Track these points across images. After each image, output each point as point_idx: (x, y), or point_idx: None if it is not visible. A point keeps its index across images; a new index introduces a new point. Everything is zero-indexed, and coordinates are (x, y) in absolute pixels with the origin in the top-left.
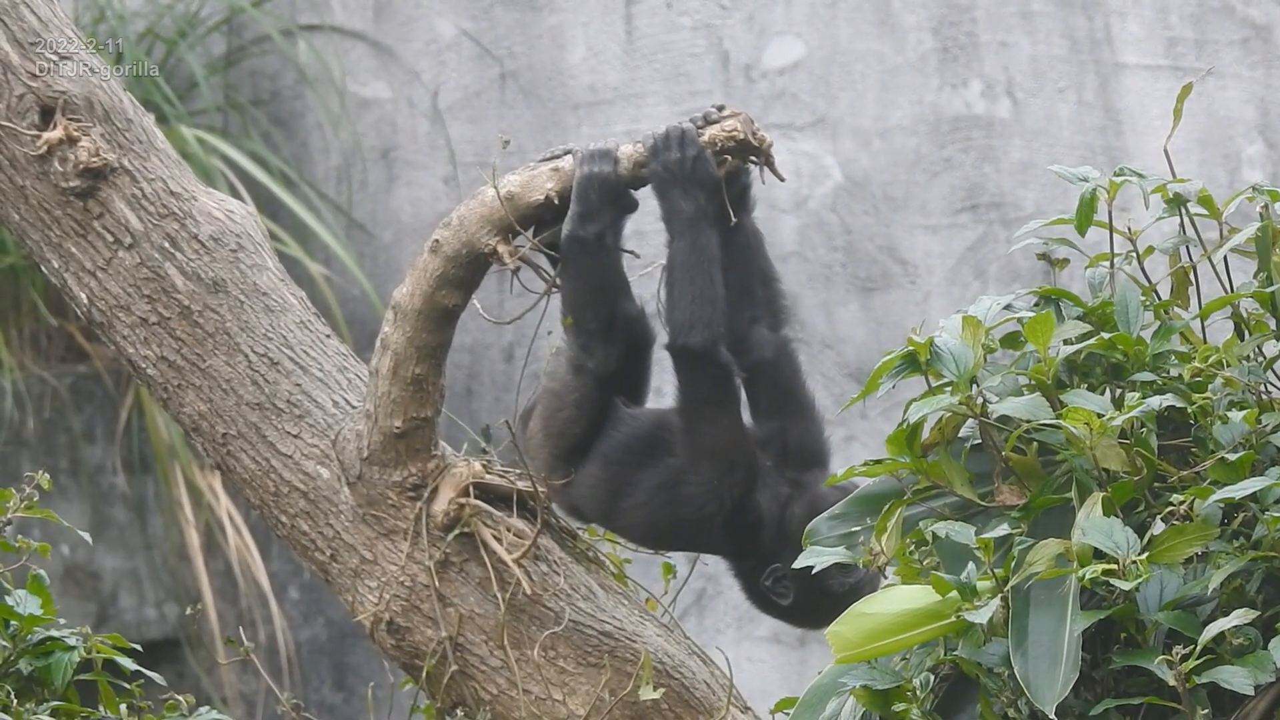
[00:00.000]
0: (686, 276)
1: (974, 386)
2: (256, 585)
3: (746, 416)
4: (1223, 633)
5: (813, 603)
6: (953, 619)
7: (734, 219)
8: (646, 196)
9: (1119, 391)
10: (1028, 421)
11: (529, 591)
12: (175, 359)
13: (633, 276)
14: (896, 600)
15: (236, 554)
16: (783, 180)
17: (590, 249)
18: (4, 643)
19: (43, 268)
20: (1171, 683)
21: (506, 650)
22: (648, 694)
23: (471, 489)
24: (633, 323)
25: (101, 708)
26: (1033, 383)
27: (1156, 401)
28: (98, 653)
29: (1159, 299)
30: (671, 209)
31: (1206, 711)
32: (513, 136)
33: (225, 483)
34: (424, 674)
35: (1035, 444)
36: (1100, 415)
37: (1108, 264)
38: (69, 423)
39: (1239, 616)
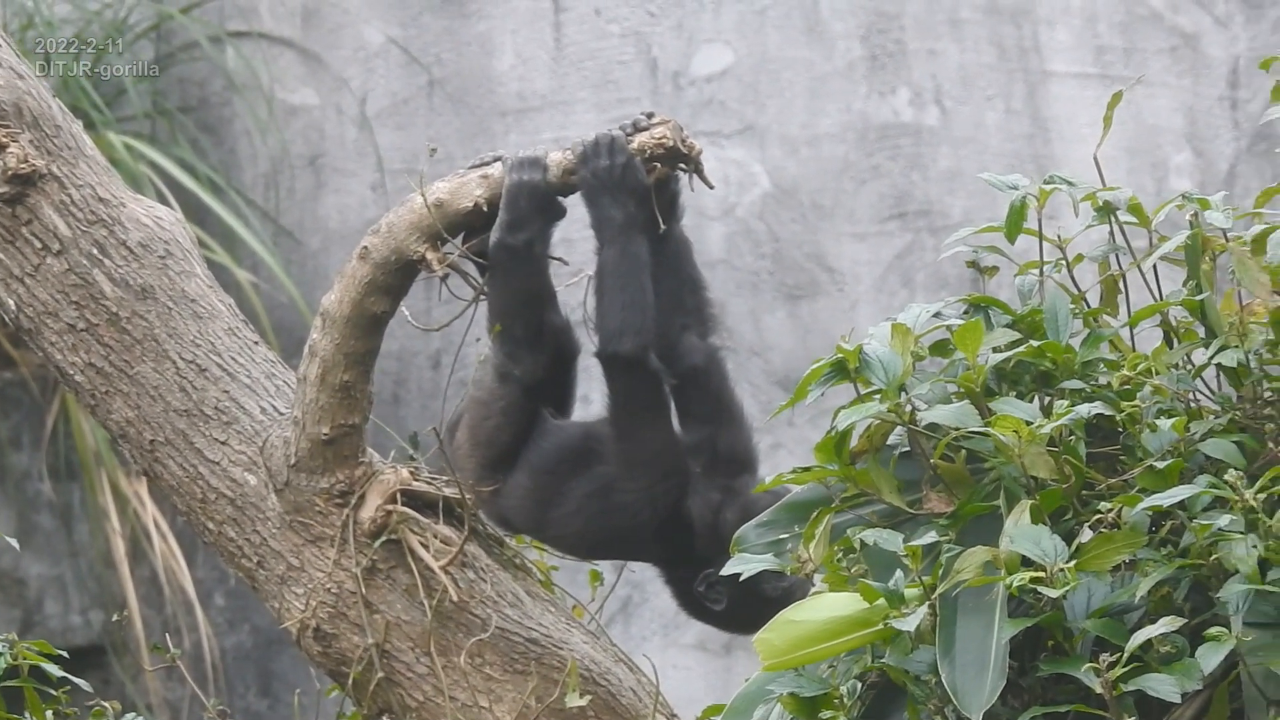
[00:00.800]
0: (616, 284)
1: (903, 394)
2: (182, 592)
3: (676, 424)
4: (1150, 640)
5: (746, 608)
6: (880, 626)
7: (663, 226)
8: (575, 203)
9: (1048, 399)
10: (956, 429)
11: (456, 598)
12: (103, 365)
13: (560, 284)
14: (824, 608)
15: (162, 561)
16: (711, 187)
17: (519, 257)
18: None
19: None
20: (1099, 690)
21: (433, 657)
22: (574, 701)
23: (399, 496)
24: (559, 332)
25: (28, 714)
26: (961, 390)
27: (1085, 409)
28: (24, 659)
29: (1088, 307)
30: (601, 216)
31: (1133, 718)
32: (441, 144)
33: (152, 489)
34: (350, 681)
35: (964, 451)
36: (1029, 423)
37: (1037, 272)
38: None
39: (1166, 624)
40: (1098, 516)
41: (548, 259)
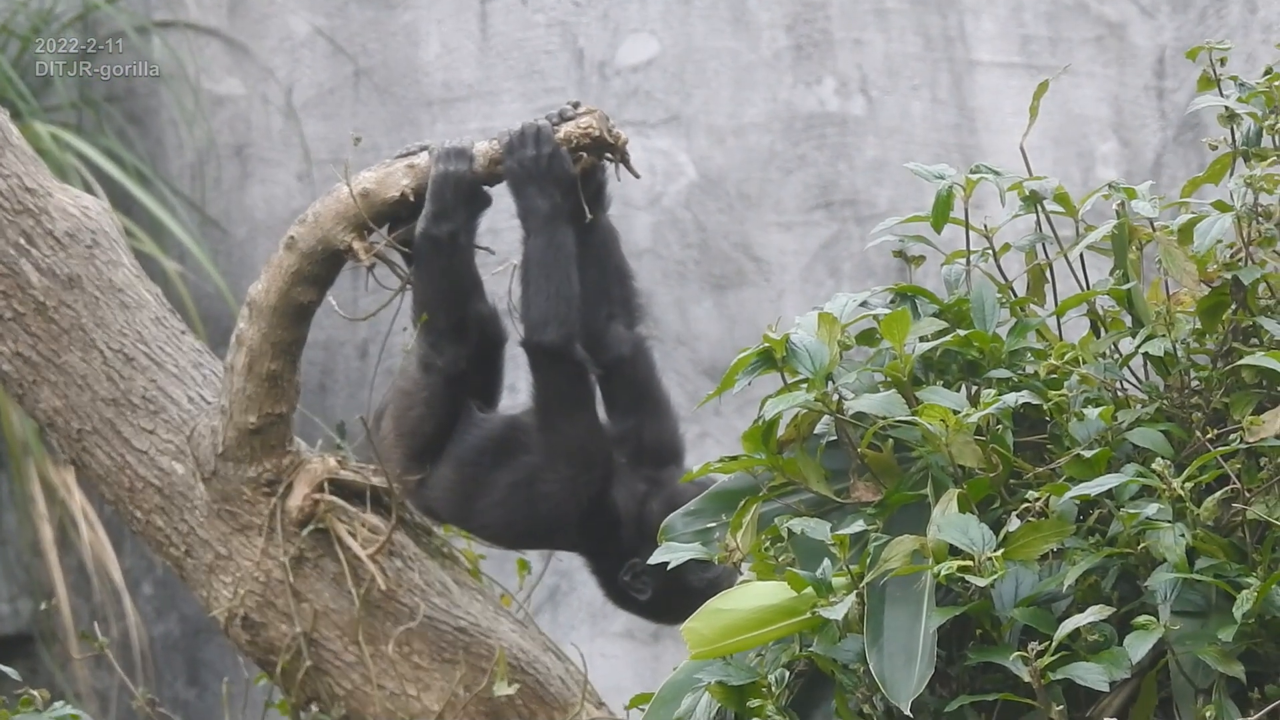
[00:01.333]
0: (542, 274)
1: (830, 383)
2: (110, 581)
3: (602, 414)
4: (1078, 629)
5: (672, 597)
6: (808, 615)
7: (590, 216)
8: (502, 193)
9: (975, 388)
10: (883, 418)
11: (383, 587)
12: (30, 354)
13: (486, 274)
14: (752, 596)
15: (90, 549)
16: (637, 177)
17: (444, 248)
18: None
19: None
20: (1027, 679)
21: (361, 646)
22: (502, 690)
23: (326, 485)
24: (485, 322)
25: None
26: (888, 379)
27: (1012, 398)
28: None
29: (1015, 296)
30: (527, 206)
31: (1061, 708)
32: (367, 134)
33: (80, 478)
34: (279, 669)
35: (891, 441)
36: (956, 412)
37: (963, 261)
38: None
39: (1094, 613)
40: (1025, 505)
41: (473, 249)
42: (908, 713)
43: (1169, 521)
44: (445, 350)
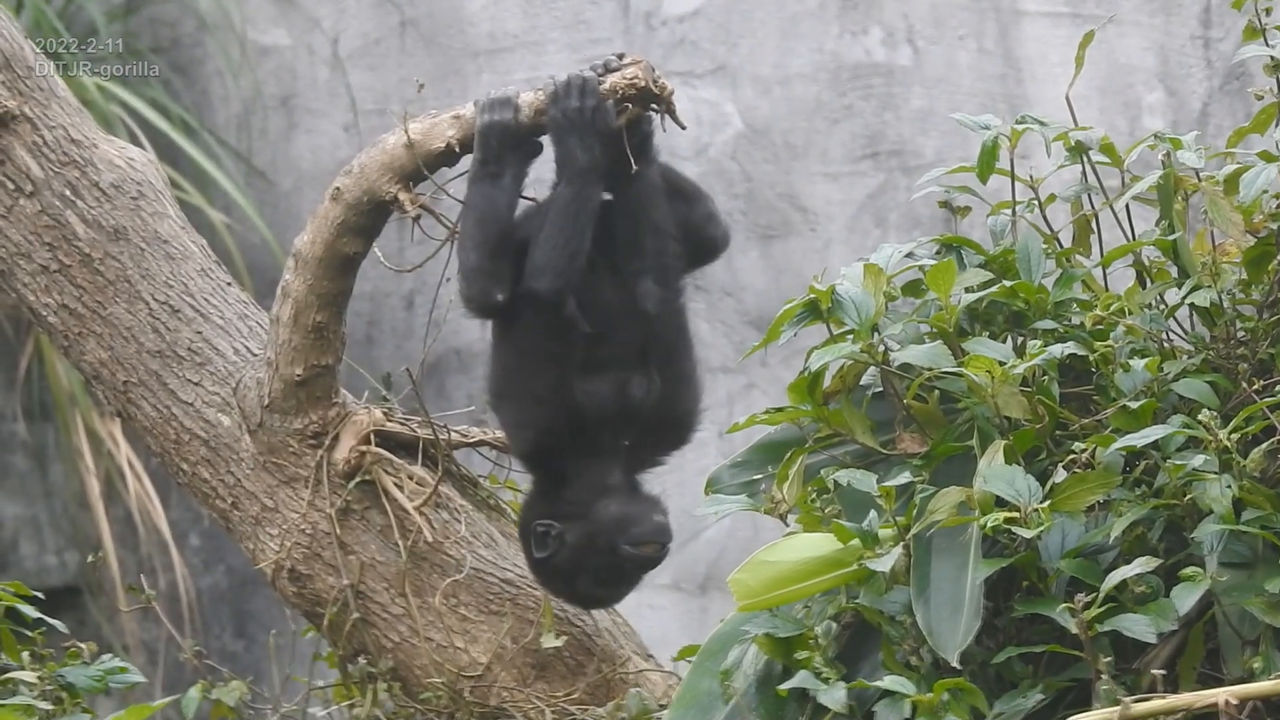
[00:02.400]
0: (559, 224)
1: (875, 334)
2: (157, 532)
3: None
4: (1125, 581)
5: (559, 574)
6: (854, 567)
7: (634, 168)
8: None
9: (1020, 339)
10: (929, 369)
11: (430, 539)
12: (76, 307)
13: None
14: (798, 548)
15: (137, 501)
16: (683, 128)
17: (485, 183)
18: None
19: None
20: (1074, 631)
21: (408, 598)
22: (549, 641)
23: (372, 437)
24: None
25: (3, 655)
26: (934, 330)
27: (1058, 349)
28: None
29: (1061, 247)
30: (565, 156)
31: (1109, 659)
32: (413, 84)
33: (126, 430)
34: (325, 622)
35: (937, 392)
36: (1002, 363)
37: (1009, 212)
38: None
39: (1141, 564)
40: (1071, 457)
41: (518, 194)
42: (955, 664)
43: (1215, 473)
44: (473, 279)
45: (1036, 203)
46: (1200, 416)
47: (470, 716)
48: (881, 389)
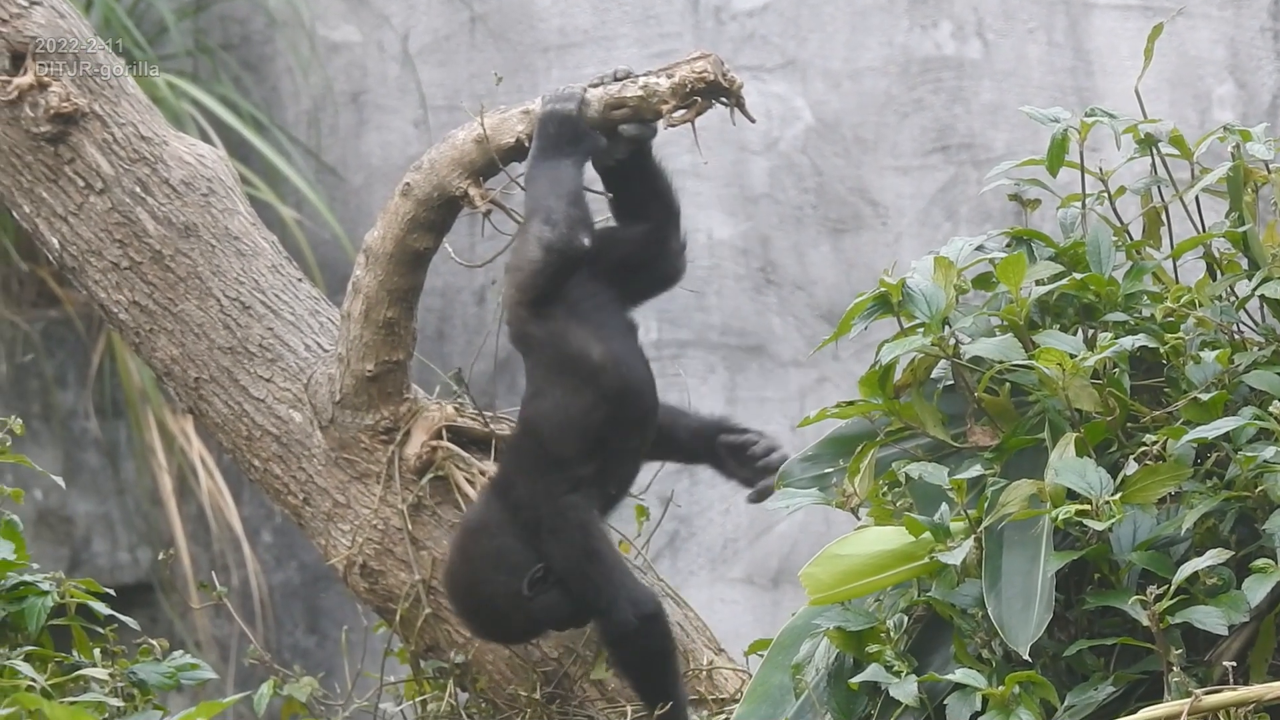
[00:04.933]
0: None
1: (946, 327)
2: (229, 529)
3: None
4: (1196, 573)
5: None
6: (926, 560)
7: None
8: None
9: (1091, 332)
10: (1000, 362)
11: None
12: (147, 303)
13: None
14: (870, 541)
15: (209, 498)
16: (753, 121)
17: (548, 161)
18: None
19: (14, 213)
20: (1145, 623)
21: None
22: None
23: (444, 432)
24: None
25: (75, 652)
26: (1005, 323)
27: (1129, 342)
28: (71, 597)
29: (1131, 239)
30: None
31: (1180, 651)
32: (483, 80)
33: (198, 427)
34: (397, 617)
35: (1008, 385)
36: (1073, 356)
37: (1079, 204)
38: (41, 368)
39: (1212, 556)
40: (1142, 449)
41: (580, 179)
42: (1026, 657)
43: None
44: (558, 222)
45: (1106, 195)
46: (1271, 408)
47: (546, 713)
48: (952, 382)
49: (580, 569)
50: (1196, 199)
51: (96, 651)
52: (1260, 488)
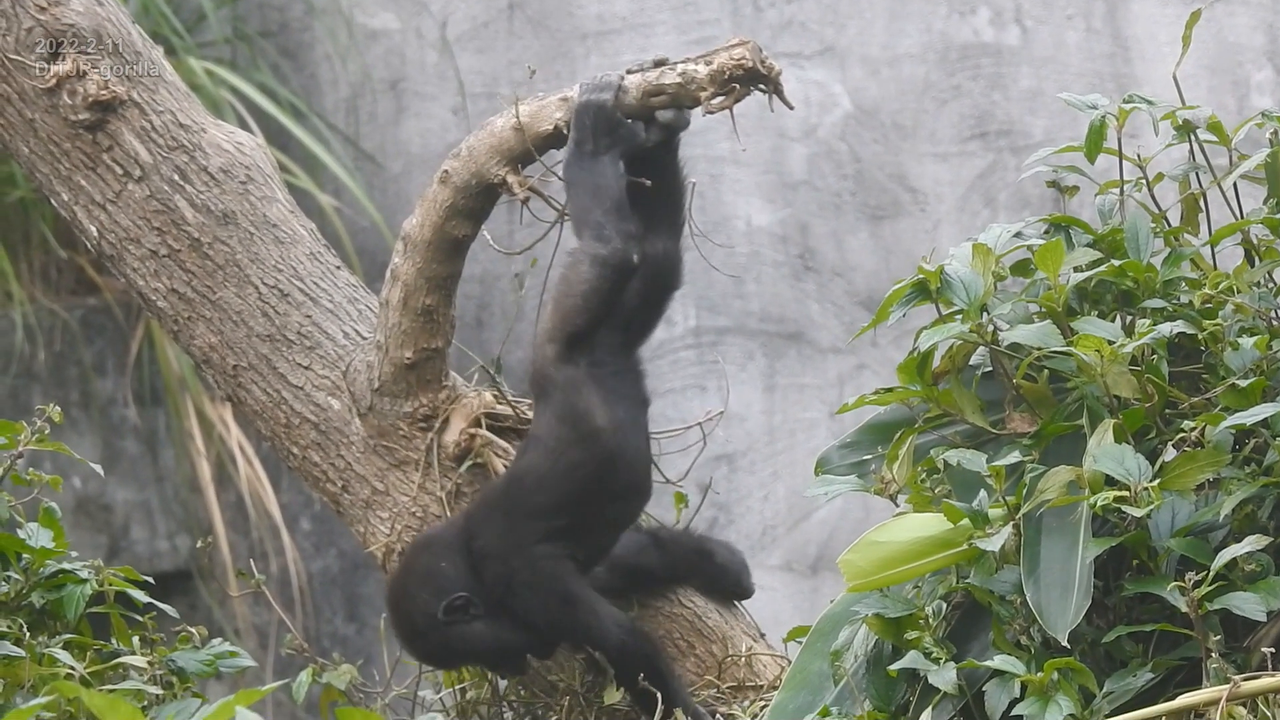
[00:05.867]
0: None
1: (984, 314)
2: (268, 516)
3: None
4: (1235, 559)
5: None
6: (964, 547)
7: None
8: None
9: (1129, 318)
10: (1038, 349)
11: None
12: (185, 291)
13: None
14: (908, 528)
15: (248, 485)
16: (791, 108)
17: (586, 163)
18: (16, 576)
19: (52, 201)
20: (1184, 609)
21: None
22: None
23: (483, 419)
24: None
25: (114, 640)
26: (1043, 310)
27: (1167, 328)
28: (110, 585)
29: (1169, 226)
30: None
31: (1219, 638)
32: (521, 68)
33: (236, 414)
34: None
35: (1046, 371)
36: (1111, 342)
37: (1117, 191)
38: (80, 355)
39: (1251, 543)
40: (1181, 435)
41: (618, 169)
42: (1065, 644)
43: None
44: (610, 238)
45: (1145, 182)
46: None
47: (585, 701)
48: (991, 369)
49: (561, 618)
50: (1235, 185)
51: (135, 639)
52: None
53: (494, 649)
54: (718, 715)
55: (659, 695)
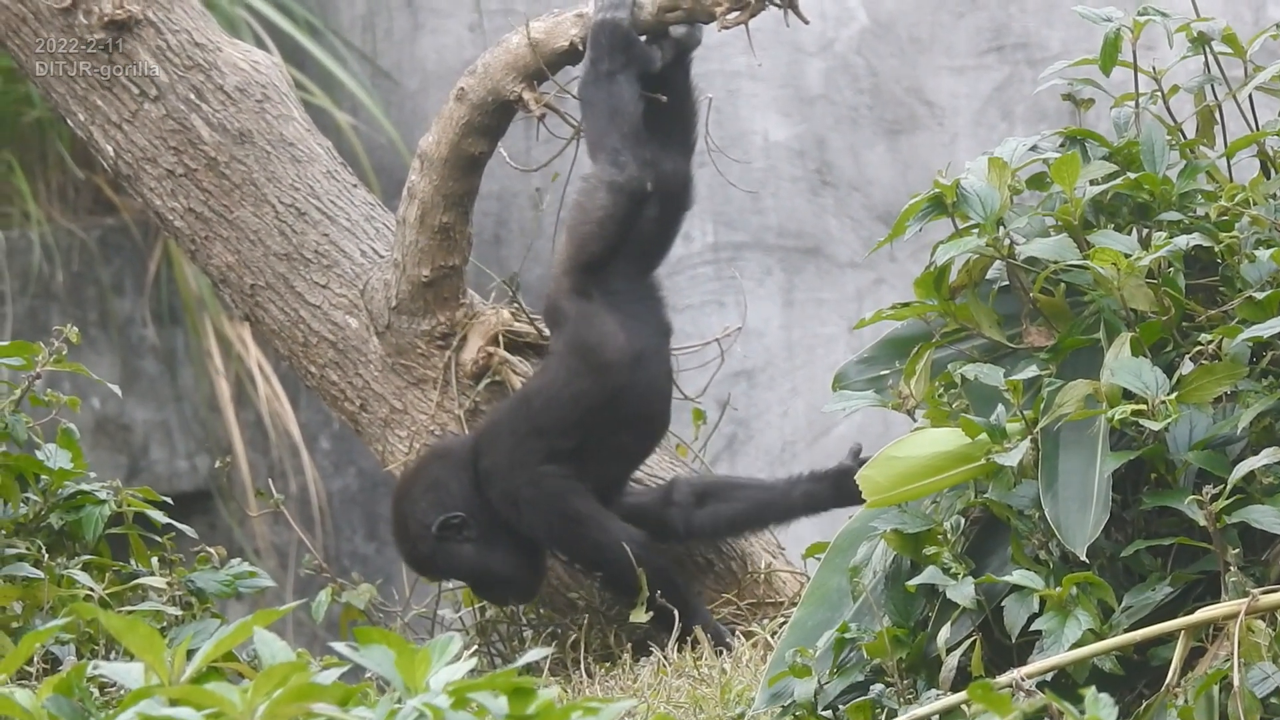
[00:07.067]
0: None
1: (1001, 228)
2: (287, 436)
3: None
4: (1253, 472)
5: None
6: (982, 461)
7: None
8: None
9: (1146, 231)
10: (1055, 262)
11: None
12: (202, 210)
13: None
14: (926, 443)
15: (267, 404)
16: (806, 23)
17: (602, 83)
18: (35, 497)
19: (69, 121)
20: (1202, 523)
21: None
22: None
23: (501, 337)
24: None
25: (133, 561)
26: (1059, 223)
27: (1183, 241)
28: (128, 506)
29: (1184, 138)
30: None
31: (1237, 551)
32: None
33: (255, 333)
34: None
35: (1063, 285)
36: (1127, 255)
37: (1133, 104)
38: (97, 275)
39: (1269, 455)
40: (1198, 348)
41: (635, 88)
42: (1083, 558)
43: None
44: (627, 164)
45: (1160, 94)
46: None
47: (602, 619)
48: (1007, 283)
49: (567, 534)
50: (1250, 97)
51: (154, 560)
52: None
53: (478, 575)
54: (737, 632)
55: (676, 612)
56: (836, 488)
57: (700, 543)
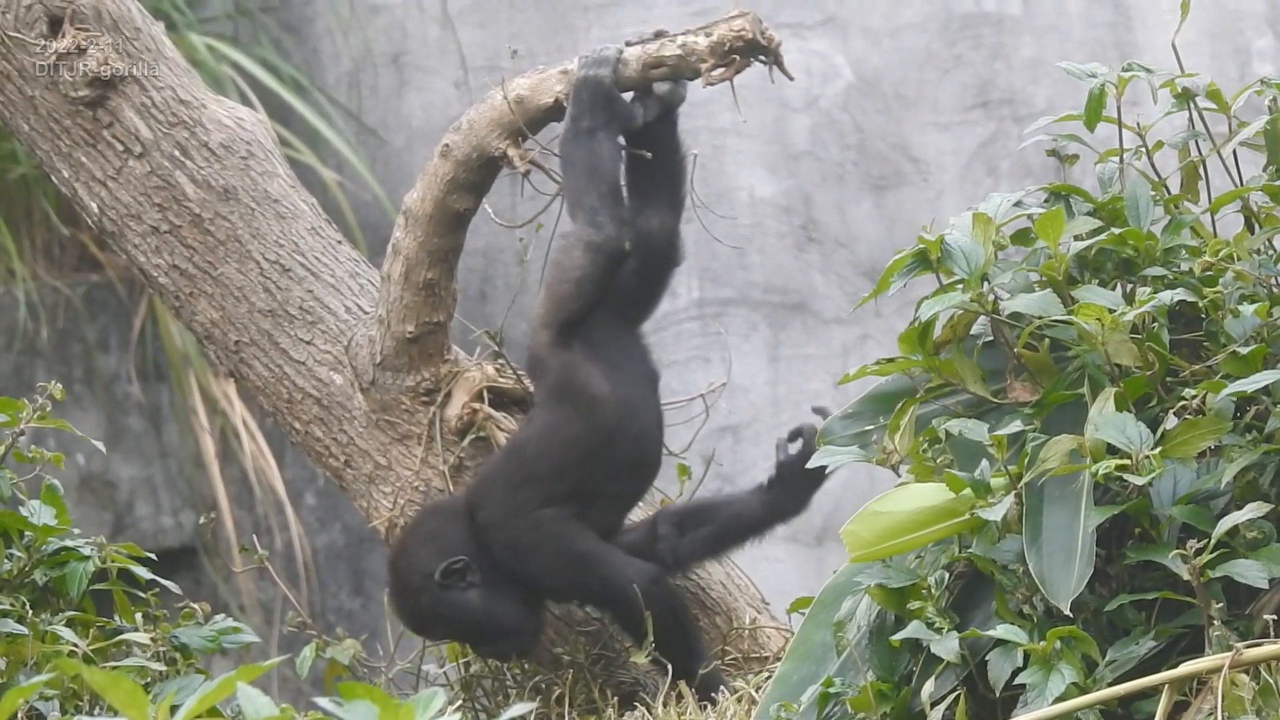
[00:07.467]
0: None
1: (985, 283)
2: (272, 492)
3: None
4: (1236, 526)
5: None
6: (967, 516)
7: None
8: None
9: (1130, 286)
10: (1039, 318)
11: None
12: (187, 267)
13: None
14: (910, 498)
15: (252, 461)
16: (791, 79)
17: (583, 140)
18: (19, 553)
19: (53, 178)
20: (1186, 577)
21: None
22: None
23: (485, 393)
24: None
25: (117, 617)
26: (1044, 279)
27: (1168, 296)
28: (113, 562)
29: (1169, 193)
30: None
31: (1221, 605)
32: (522, 40)
33: (240, 390)
34: None
35: (1047, 340)
36: (1112, 310)
37: (1117, 159)
38: (83, 332)
39: (1252, 510)
40: (1182, 403)
41: (615, 146)
42: (1067, 612)
43: None
44: (604, 224)
45: (1145, 150)
46: None
47: (589, 674)
48: (992, 338)
49: (573, 575)
50: (1234, 153)
51: (139, 616)
52: None
53: (482, 625)
54: (721, 688)
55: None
56: (783, 483)
57: (692, 567)
